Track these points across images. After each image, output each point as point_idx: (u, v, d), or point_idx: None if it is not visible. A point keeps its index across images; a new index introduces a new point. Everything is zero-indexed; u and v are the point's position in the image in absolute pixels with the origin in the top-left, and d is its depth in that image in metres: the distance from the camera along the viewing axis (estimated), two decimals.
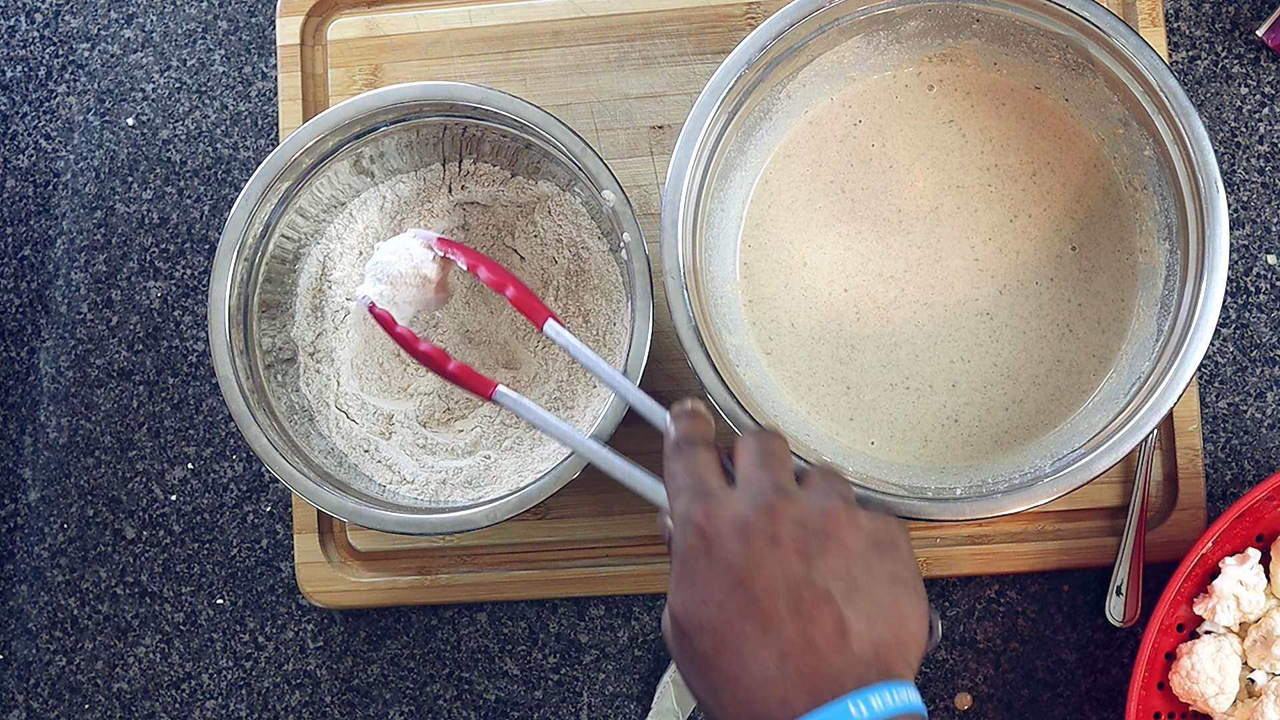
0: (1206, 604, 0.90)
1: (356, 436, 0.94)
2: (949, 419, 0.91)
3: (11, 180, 1.05)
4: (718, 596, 0.69)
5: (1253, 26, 0.97)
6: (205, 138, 1.03)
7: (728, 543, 0.70)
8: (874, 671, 0.68)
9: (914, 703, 0.68)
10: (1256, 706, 0.90)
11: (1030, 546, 0.95)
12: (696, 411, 0.78)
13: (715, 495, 0.72)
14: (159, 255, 1.03)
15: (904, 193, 0.93)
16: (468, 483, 0.93)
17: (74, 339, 1.03)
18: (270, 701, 1.00)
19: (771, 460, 0.74)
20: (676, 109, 0.98)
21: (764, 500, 0.71)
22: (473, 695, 0.99)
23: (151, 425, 1.02)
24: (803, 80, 0.91)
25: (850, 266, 0.93)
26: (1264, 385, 0.96)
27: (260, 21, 1.04)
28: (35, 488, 1.02)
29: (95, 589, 1.02)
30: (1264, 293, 0.97)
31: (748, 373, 0.90)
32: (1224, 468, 0.96)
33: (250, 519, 1.01)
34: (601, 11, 0.99)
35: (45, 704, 1.01)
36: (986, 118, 0.92)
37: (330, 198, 0.94)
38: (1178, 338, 0.84)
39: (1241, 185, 0.97)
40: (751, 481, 0.73)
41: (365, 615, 1.00)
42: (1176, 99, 0.84)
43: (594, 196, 0.89)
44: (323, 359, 0.95)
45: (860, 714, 0.67)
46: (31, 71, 1.05)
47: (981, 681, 0.97)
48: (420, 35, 1.00)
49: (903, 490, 0.85)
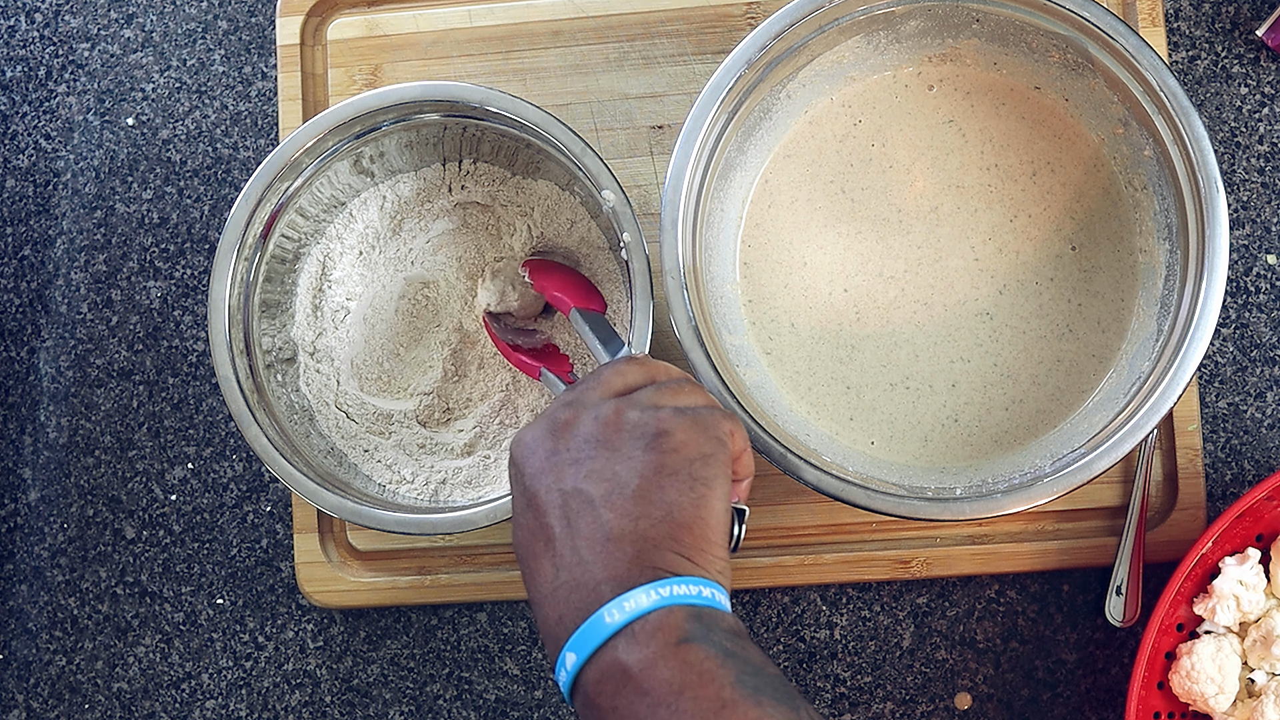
0: (1206, 604, 0.90)
1: (356, 436, 0.94)
2: (949, 419, 0.91)
3: (11, 180, 1.05)
4: (519, 519, 0.71)
5: (1253, 26, 0.97)
6: (205, 138, 1.03)
7: (523, 463, 0.71)
8: (636, 570, 0.66)
9: (681, 595, 0.65)
10: (1256, 706, 0.90)
11: (1030, 546, 0.95)
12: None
13: (548, 414, 0.72)
14: (159, 255, 1.03)
15: (904, 193, 0.93)
16: (468, 483, 0.93)
17: (74, 339, 1.03)
18: (270, 701, 1.00)
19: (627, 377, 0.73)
20: (676, 109, 0.98)
21: (560, 416, 0.71)
22: (473, 695, 0.99)
23: (151, 425, 1.02)
24: (803, 80, 0.91)
25: (850, 266, 0.93)
26: (1264, 385, 0.96)
27: (260, 21, 1.04)
28: (35, 488, 1.02)
29: (95, 589, 1.02)
30: (1264, 293, 0.97)
31: (748, 373, 0.90)
32: (1224, 468, 0.96)
33: (250, 519, 1.01)
34: (601, 11, 0.99)
35: (45, 704, 1.01)
36: (986, 118, 0.92)
37: (330, 198, 0.94)
38: (1178, 338, 0.84)
39: (1241, 185, 0.97)
40: (590, 402, 0.72)
41: (365, 615, 1.00)
42: (1176, 99, 0.84)
43: (594, 196, 0.89)
44: (323, 359, 0.95)
45: (614, 620, 0.64)
46: (31, 71, 1.05)
47: (981, 681, 0.97)
48: (420, 35, 1.00)
49: (903, 490, 0.85)
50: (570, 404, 0.72)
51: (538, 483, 0.70)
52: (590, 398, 0.72)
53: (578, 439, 0.70)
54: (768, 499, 0.96)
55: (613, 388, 0.73)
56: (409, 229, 0.96)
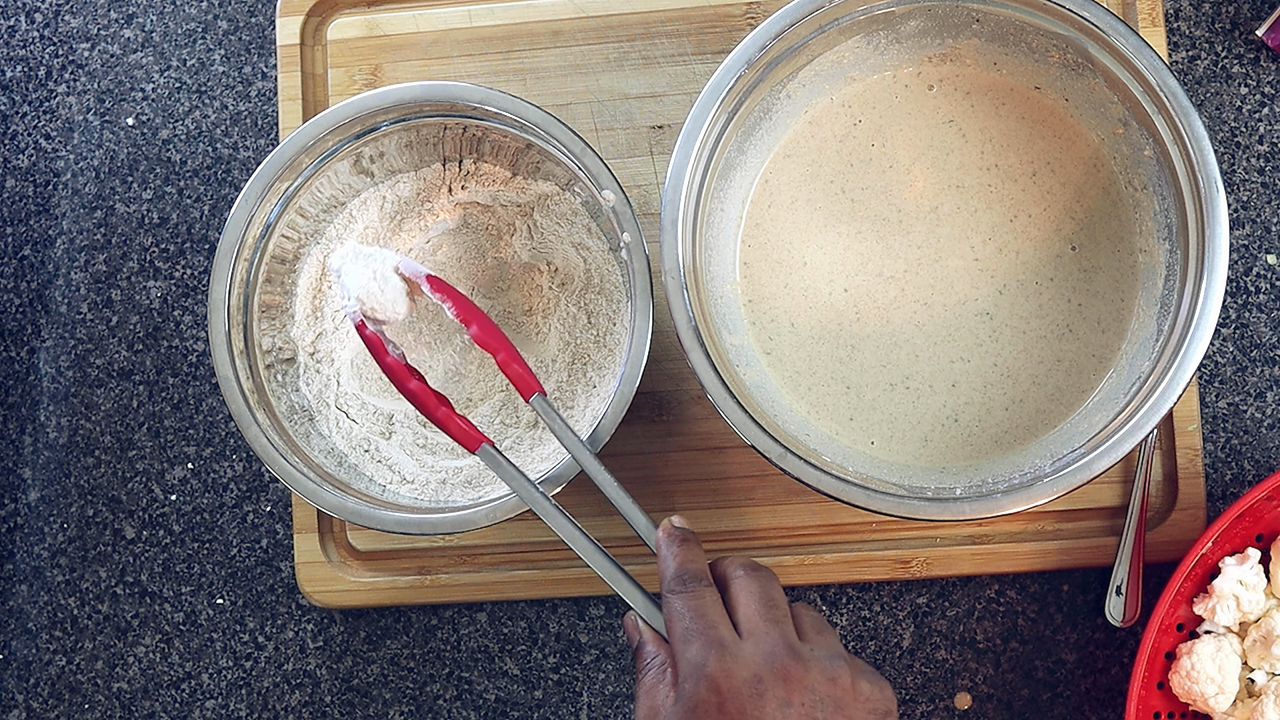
0: (1206, 604, 0.90)
1: (356, 436, 0.94)
2: (949, 419, 0.91)
3: (11, 180, 1.05)
4: None
5: (1253, 26, 0.97)
6: (205, 138, 1.03)
7: (745, 702, 0.72)
8: None
9: None
10: (1256, 706, 0.90)
11: (1030, 546, 0.95)
12: (688, 536, 0.80)
13: (728, 648, 0.74)
14: (159, 255, 1.03)
15: (904, 193, 0.93)
16: (468, 483, 0.93)
17: (74, 339, 1.03)
18: (270, 701, 1.00)
19: (776, 612, 0.76)
20: (676, 109, 0.98)
21: (778, 662, 0.73)
22: (473, 695, 0.99)
23: (151, 425, 1.02)
24: (803, 80, 0.91)
25: (850, 266, 0.93)
26: (1264, 385, 0.96)
27: (260, 21, 1.04)
28: (35, 488, 1.02)
29: (95, 589, 1.02)
30: (1264, 293, 0.97)
31: (748, 373, 0.90)
32: (1224, 468, 0.96)
33: (250, 519, 1.01)
34: (601, 11, 0.99)
35: (45, 704, 1.01)
36: (986, 118, 0.92)
37: (330, 198, 0.94)
38: (1178, 338, 0.84)
39: (1241, 185, 0.97)
40: (761, 637, 0.75)
41: (365, 615, 1.00)
42: (1176, 99, 0.84)
43: (594, 196, 0.89)
44: (323, 359, 0.95)
45: None
46: (31, 71, 1.05)
47: (981, 681, 0.97)
48: (420, 35, 1.00)
49: (903, 490, 0.85)
50: (790, 652, 0.74)
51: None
52: (787, 638, 0.75)
53: (812, 696, 0.73)
54: (768, 499, 0.96)
55: (783, 618, 0.76)
56: (409, 229, 0.96)
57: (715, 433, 0.97)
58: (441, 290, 0.88)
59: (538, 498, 0.83)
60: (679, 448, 0.97)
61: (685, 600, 0.76)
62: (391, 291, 0.88)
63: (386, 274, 0.88)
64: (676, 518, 0.81)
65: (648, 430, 0.97)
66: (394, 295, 0.88)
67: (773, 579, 0.78)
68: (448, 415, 0.85)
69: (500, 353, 0.86)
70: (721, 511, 0.96)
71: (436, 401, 0.86)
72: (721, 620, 0.76)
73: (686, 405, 0.97)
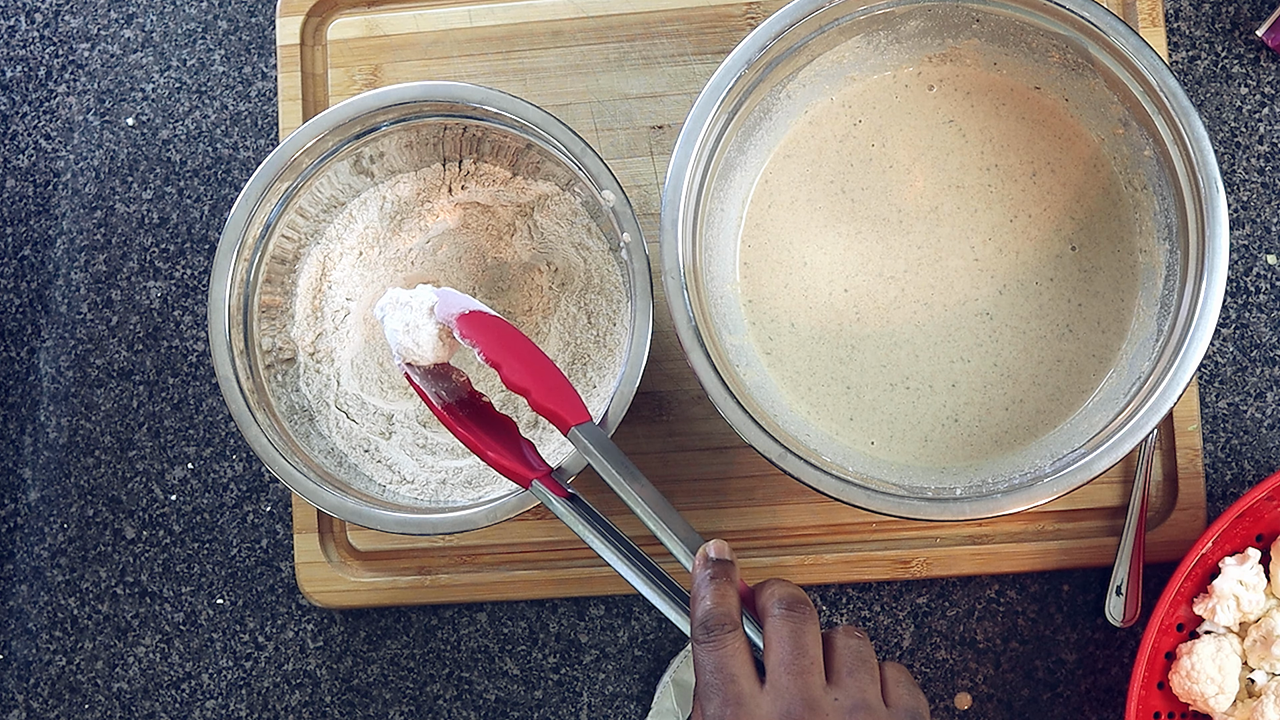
0: (1206, 604, 0.90)
1: (356, 436, 0.94)
2: (949, 419, 0.91)
3: (11, 180, 1.05)
4: None
5: (1253, 26, 0.97)
6: (205, 138, 1.03)
7: None
8: None
9: None
10: (1256, 706, 0.90)
11: (1030, 546, 0.95)
12: (719, 571, 0.78)
13: (745, 704, 0.74)
14: (159, 255, 1.03)
15: (904, 193, 0.93)
16: (468, 483, 0.93)
17: (74, 339, 1.03)
18: (270, 701, 1.00)
19: (803, 660, 0.75)
20: (676, 109, 0.98)
21: (795, 717, 0.73)
22: (473, 695, 0.99)
23: (151, 425, 1.02)
24: (803, 80, 0.91)
25: (850, 266, 0.93)
26: (1264, 385, 0.96)
27: (260, 21, 1.04)
28: (35, 488, 1.02)
29: (95, 589, 1.02)
30: (1264, 293, 0.97)
31: (748, 373, 0.90)
32: (1224, 468, 0.96)
33: (250, 519, 1.01)
34: (601, 11, 0.99)
35: (45, 704, 1.01)
36: (986, 118, 0.92)
37: (330, 198, 0.94)
38: (1178, 338, 0.84)
39: (1241, 185, 0.97)
40: (781, 691, 0.74)
41: (365, 615, 1.00)
42: (1176, 99, 0.84)
43: (594, 196, 0.89)
44: (323, 359, 0.95)
45: None
46: (31, 71, 1.05)
47: (981, 681, 0.97)
48: (420, 35, 1.00)
49: (903, 490, 0.85)
50: (807, 706, 0.74)
51: None
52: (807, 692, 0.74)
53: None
54: (768, 499, 0.96)
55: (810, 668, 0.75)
56: (409, 229, 0.96)
57: (715, 433, 0.97)
58: (472, 334, 0.85)
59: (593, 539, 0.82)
60: (679, 448, 0.97)
61: (708, 652, 0.76)
62: (424, 338, 0.86)
63: (419, 321, 0.86)
64: (713, 546, 0.79)
65: (648, 430, 0.97)
66: (426, 341, 0.86)
67: (806, 620, 0.76)
68: (495, 460, 0.84)
69: (531, 392, 0.82)
70: (722, 511, 0.96)
71: (488, 443, 0.84)
72: (742, 672, 0.75)
73: (686, 405, 0.97)
